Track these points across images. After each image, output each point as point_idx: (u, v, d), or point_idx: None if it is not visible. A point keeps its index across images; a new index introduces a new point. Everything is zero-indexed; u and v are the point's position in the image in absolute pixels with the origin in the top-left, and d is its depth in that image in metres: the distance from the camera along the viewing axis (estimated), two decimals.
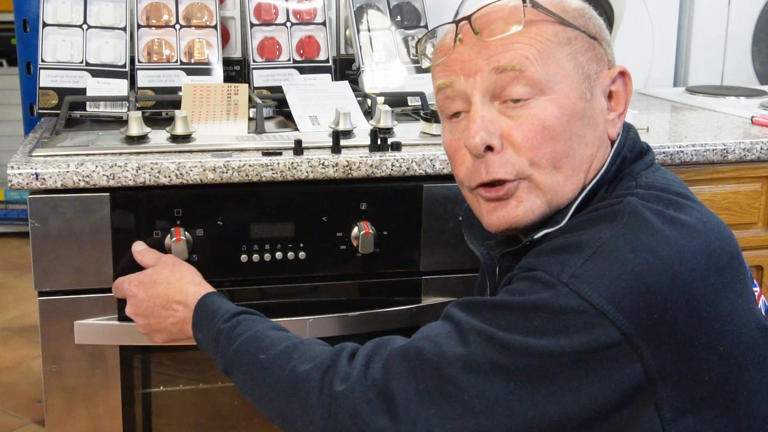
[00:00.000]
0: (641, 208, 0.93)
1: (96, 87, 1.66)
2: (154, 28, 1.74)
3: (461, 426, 0.90)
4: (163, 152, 1.40)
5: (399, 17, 1.86)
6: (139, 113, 1.47)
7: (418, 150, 1.46)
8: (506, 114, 0.99)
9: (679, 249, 0.90)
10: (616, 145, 1.03)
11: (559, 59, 0.99)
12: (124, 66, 1.69)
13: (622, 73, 1.05)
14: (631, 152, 1.04)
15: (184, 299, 1.23)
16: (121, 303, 1.38)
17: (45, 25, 1.68)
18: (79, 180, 1.32)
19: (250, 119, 1.59)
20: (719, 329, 0.91)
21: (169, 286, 1.25)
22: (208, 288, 1.24)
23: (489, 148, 0.99)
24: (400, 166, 1.43)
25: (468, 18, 1.00)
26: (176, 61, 1.72)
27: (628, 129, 1.06)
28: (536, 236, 0.99)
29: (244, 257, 1.40)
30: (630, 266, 0.88)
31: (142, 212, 1.36)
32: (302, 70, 1.80)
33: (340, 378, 0.96)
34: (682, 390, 0.90)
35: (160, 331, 1.26)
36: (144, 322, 1.28)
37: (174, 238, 1.35)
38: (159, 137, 1.47)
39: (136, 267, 1.37)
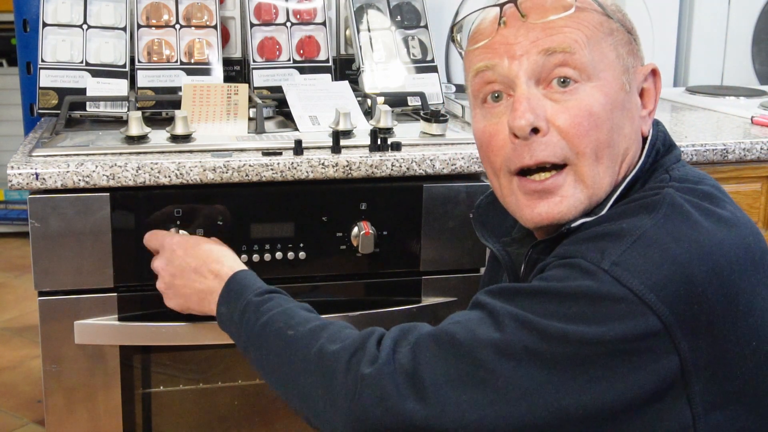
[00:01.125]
0: (679, 199, 0.93)
1: (96, 87, 1.66)
2: (154, 28, 1.74)
3: (493, 412, 0.88)
4: (163, 152, 1.40)
5: (399, 17, 1.86)
6: (139, 113, 1.47)
7: (418, 150, 1.46)
8: (551, 98, 0.97)
9: (719, 241, 0.90)
10: (650, 138, 1.03)
11: (603, 48, 0.99)
12: (124, 66, 1.69)
13: (654, 72, 1.05)
14: (663, 145, 1.04)
15: (218, 269, 1.23)
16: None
17: (45, 25, 1.68)
18: (79, 180, 1.32)
19: (250, 119, 1.59)
20: (753, 324, 0.91)
21: (209, 252, 1.25)
22: (244, 267, 1.24)
23: (534, 131, 0.97)
24: (400, 166, 1.43)
25: (514, 0, 1.00)
26: (176, 61, 1.72)
27: (656, 123, 1.07)
28: (574, 225, 0.98)
29: (244, 257, 1.40)
30: (672, 255, 0.87)
31: (142, 212, 1.36)
32: (302, 70, 1.80)
33: (367, 360, 0.94)
34: (715, 384, 0.90)
35: (180, 296, 1.26)
36: (168, 281, 1.27)
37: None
38: (159, 137, 1.47)
39: (136, 266, 1.37)
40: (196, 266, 1.24)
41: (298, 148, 1.41)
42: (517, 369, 0.88)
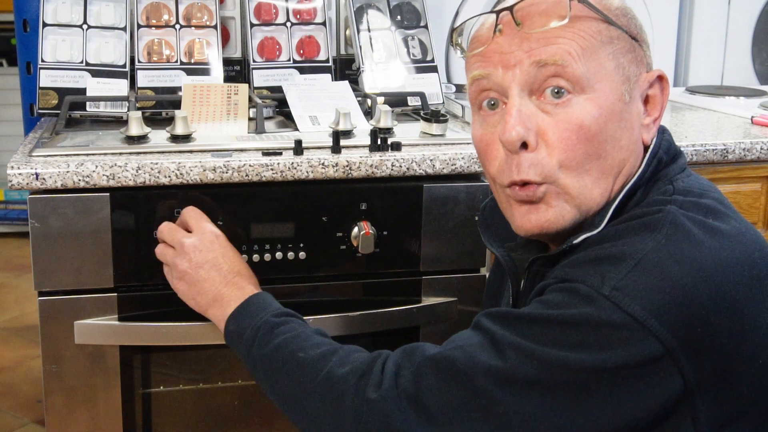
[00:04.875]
0: (682, 217, 0.91)
1: (96, 87, 1.66)
2: (154, 28, 1.74)
3: None
4: (163, 152, 1.40)
5: (399, 17, 1.86)
6: (139, 113, 1.47)
7: (418, 150, 1.46)
8: (544, 110, 0.96)
9: (722, 261, 0.88)
10: (652, 146, 1.01)
11: (601, 58, 0.96)
12: (124, 66, 1.69)
13: (660, 77, 1.02)
14: (666, 154, 1.02)
15: (244, 285, 1.22)
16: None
17: (45, 25, 1.68)
18: (79, 180, 1.32)
19: (250, 119, 1.59)
20: (759, 341, 0.89)
21: (242, 267, 1.26)
22: (262, 291, 1.25)
23: (524, 145, 0.96)
24: (400, 166, 1.43)
25: (510, 8, 0.97)
26: (176, 61, 1.72)
27: (662, 131, 1.04)
28: (576, 241, 0.96)
29: (244, 257, 1.40)
30: (674, 279, 0.86)
31: (142, 212, 1.36)
32: (302, 70, 1.80)
33: (373, 384, 0.95)
34: (720, 403, 0.88)
35: (194, 285, 1.24)
36: (194, 264, 1.24)
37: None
38: (159, 137, 1.47)
39: (136, 266, 1.37)
40: (228, 270, 1.24)
41: (298, 148, 1.41)
42: (518, 397, 0.87)
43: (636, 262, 0.88)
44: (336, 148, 1.43)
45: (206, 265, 1.25)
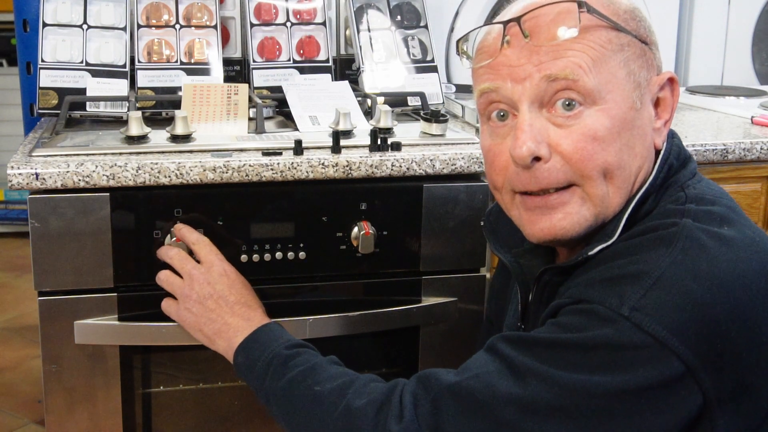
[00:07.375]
0: (697, 231, 0.90)
1: (96, 87, 1.66)
2: (154, 28, 1.74)
3: None
4: (163, 152, 1.40)
5: (399, 17, 1.86)
6: (139, 113, 1.47)
7: (418, 150, 1.46)
8: (555, 123, 0.95)
9: (739, 274, 0.87)
10: (662, 152, 1.00)
11: (612, 67, 0.94)
12: (124, 66, 1.69)
13: (671, 80, 1.01)
14: (677, 159, 1.01)
15: (252, 315, 1.24)
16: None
17: (45, 25, 1.68)
18: (79, 180, 1.32)
19: (250, 119, 1.59)
20: None
21: (250, 296, 1.26)
22: (271, 320, 1.25)
23: (536, 159, 0.95)
24: (400, 166, 1.43)
25: (517, 20, 0.95)
26: (176, 61, 1.72)
27: (672, 135, 1.03)
28: (591, 252, 0.95)
29: (244, 257, 1.40)
30: (692, 296, 0.85)
31: (142, 212, 1.36)
32: (302, 70, 1.80)
33: (394, 416, 0.94)
34: (740, 415, 0.88)
35: (201, 315, 1.25)
36: (201, 296, 1.26)
37: (174, 239, 1.35)
38: (159, 137, 1.47)
39: (136, 266, 1.37)
40: (235, 301, 1.25)
41: (298, 148, 1.41)
42: (541, 425, 0.87)
43: (654, 280, 0.86)
44: (336, 148, 1.43)
45: (214, 296, 1.26)
